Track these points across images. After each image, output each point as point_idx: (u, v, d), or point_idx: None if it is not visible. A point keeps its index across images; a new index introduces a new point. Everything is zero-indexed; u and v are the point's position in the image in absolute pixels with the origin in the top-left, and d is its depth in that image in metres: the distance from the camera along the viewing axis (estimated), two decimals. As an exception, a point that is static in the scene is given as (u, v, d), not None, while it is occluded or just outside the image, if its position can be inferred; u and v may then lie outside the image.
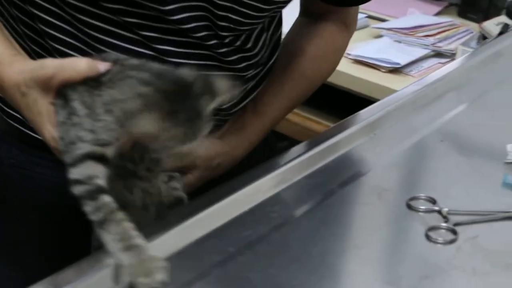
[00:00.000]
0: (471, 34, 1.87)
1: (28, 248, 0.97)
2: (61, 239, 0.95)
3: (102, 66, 0.71)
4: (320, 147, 0.92)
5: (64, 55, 0.83)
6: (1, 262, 0.99)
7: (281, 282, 0.70)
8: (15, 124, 0.92)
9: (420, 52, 1.75)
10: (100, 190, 0.69)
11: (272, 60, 0.96)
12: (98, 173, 0.69)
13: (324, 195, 0.84)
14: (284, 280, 0.70)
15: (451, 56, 1.75)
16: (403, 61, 1.69)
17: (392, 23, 1.92)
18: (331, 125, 1.76)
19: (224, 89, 0.72)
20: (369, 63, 1.70)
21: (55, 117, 0.73)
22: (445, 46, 1.78)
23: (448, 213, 0.79)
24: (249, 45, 0.89)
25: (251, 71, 0.91)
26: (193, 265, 0.72)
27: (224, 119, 0.93)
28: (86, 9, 0.80)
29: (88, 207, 0.69)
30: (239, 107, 0.92)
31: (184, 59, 0.83)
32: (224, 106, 0.90)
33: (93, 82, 0.71)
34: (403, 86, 1.65)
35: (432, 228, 0.76)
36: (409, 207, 0.81)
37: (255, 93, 0.94)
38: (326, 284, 0.71)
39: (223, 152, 0.89)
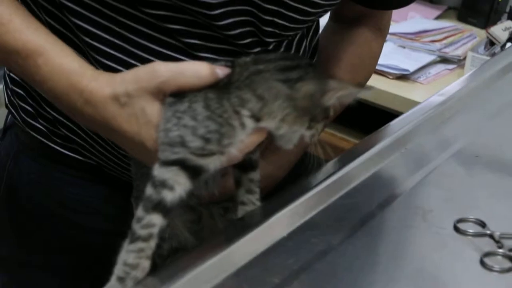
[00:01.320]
0: (475, 39, 1.83)
1: (43, 271, 0.92)
2: (82, 261, 0.90)
3: (220, 71, 0.67)
4: (352, 164, 0.87)
5: (102, 64, 0.77)
6: (17, 281, 0.94)
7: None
8: (39, 137, 0.86)
9: (427, 58, 1.71)
10: (158, 206, 0.65)
11: None
12: (176, 184, 0.65)
13: (363, 217, 0.79)
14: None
15: (458, 62, 1.72)
16: (411, 67, 1.65)
17: (394, 28, 1.88)
18: (339, 134, 1.73)
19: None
20: (377, 69, 1.65)
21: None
22: (451, 52, 1.75)
23: (501, 237, 0.74)
24: (292, 52, 0.84)
25: None
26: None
27: None
28: (127, 12, 0.74)
29: (138, 212, 0.65)
30: None
31: None
32: None
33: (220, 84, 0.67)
34: (411, 93, 1.64)
35: (487, 254, 0.72)
36: (457, 230, 0.76)
37: None
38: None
39: (267, 174, 0.84)
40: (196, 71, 0.67)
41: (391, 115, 1.06)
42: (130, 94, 0.67)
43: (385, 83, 1.64)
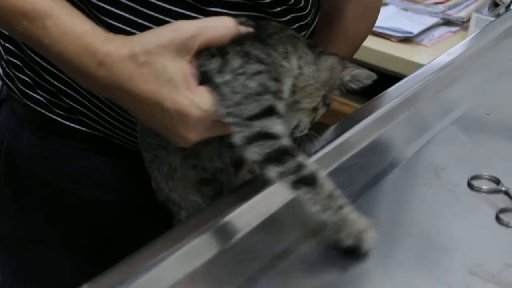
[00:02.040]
0: (478, 1, 1.81)
1: (47, 247, 0.90)
2: (86, 234, 0.89)
3: (242, 28, 0.67)
4: (360, 125, 0.86)
5: (109, 26, 0.75)
6: (19, 259, 0.92)
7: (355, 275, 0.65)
8: (39, 109, 0.84)
9: (430, 20, 1.69)
10: (286, 151, 0.64)
11: (316, 21, 0.89)
12: (279, 131, 0.64)
13: (376, 176, 0.78)
14: (359, 273, 0.65)
15: (461, 24, 1.70)
16: (415, 30, 1.63)
17: (397, -10, 1.86)
18: (340, 99, 1.71)
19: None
20: (380, 32, 1.64)
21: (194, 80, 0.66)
22: (455, 14, 1.72)
23: (516, 194, 0.73)
24: (302, 3, 0.82)
25: (303, 33, 0.84)
26: (254, 257, 0.66)
27: None
28: None
29: (272, 171, 0.64)
30: None
31: None
32: None
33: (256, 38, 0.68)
34: (415, 55, 1.62)
35: (503, 211, 0.71)
36: (471, 187, 0.75)
37: None
38: (405, 273, 0.65)
39: None
40: (221, 22, 0.66)
41: (394, 78, 1.05)
42: (151, 52, 0.64)
43: (389, 46, 1.63)
